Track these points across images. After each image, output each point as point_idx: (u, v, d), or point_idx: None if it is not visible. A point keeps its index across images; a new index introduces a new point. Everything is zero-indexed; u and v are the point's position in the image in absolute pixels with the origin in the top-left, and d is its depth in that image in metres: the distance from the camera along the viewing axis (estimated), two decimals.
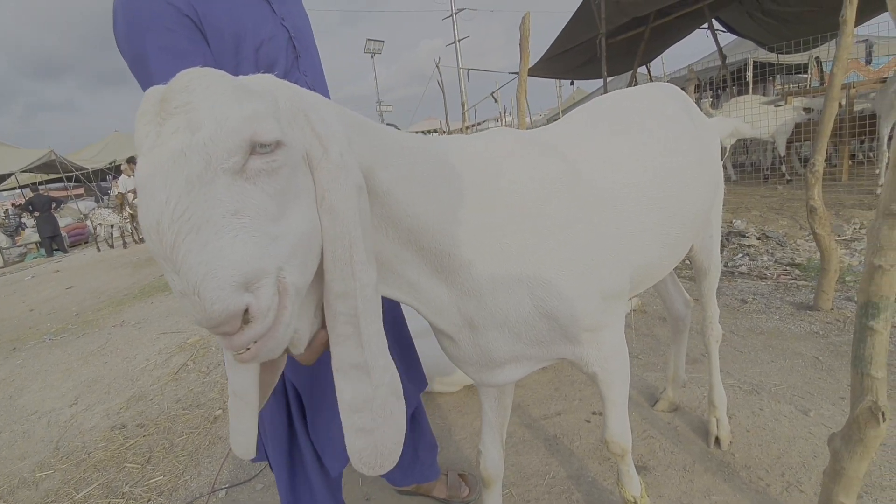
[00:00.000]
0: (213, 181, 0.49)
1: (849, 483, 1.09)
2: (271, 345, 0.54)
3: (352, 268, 0.61)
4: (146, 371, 3.23)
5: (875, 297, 0.97)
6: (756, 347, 2.23)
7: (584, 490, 1.51)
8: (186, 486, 1.92)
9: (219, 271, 0.48)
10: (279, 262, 0.54)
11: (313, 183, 0.60)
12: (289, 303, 0.55)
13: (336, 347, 0.64)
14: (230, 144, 0.50)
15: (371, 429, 0.66)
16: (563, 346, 0.96)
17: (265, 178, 0.53)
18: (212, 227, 0.49)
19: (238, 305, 0.50)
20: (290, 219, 0.56)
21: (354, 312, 0.62)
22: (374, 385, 0.65)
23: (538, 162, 0.93)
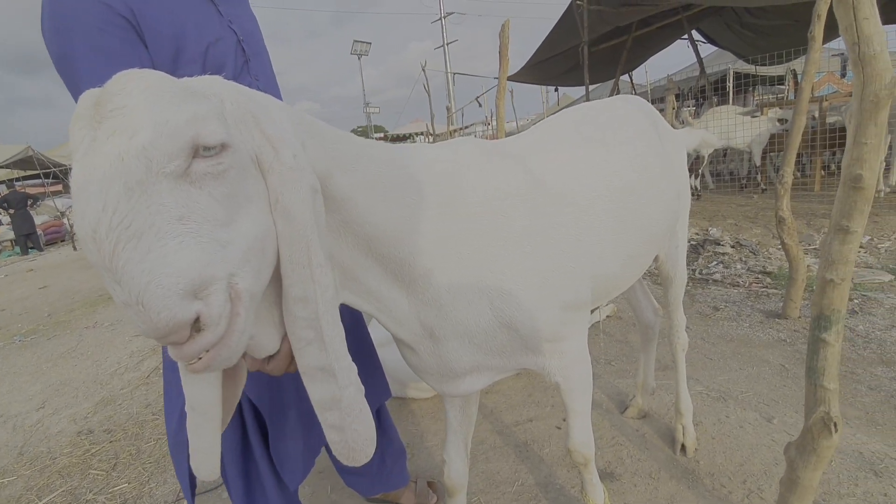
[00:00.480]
0: (154, 186, 0.48)
1: (803, 492, 1.11)
2: (225, 353, 0.53)
3: (310, 271, 0.60)
4: (117, 374, 3.16)
5: (827, 310, 0.99)
6: (725, 355, 2.27)
7: (551, 497, 1.52)
8: (151, 493, 1.88)
9: (163, 279, 0.47)
10: (230, 268, 0.53)
11: (266, 186, 0.59)
12: (242, 309, 0.53)
13: (299, 353, 0.63)
14: (171, 148, 0.48)
15: (342, 426, 0.66)
16: (524, 356, 0.96)
17: (211, 182, 0.52)
18: (154, 233, 0.47)
19: (186, 314, 0.49)
20: (241, 223, 0.55)
21: (315, 316, 0.61)
22: (340, 386, 0.65)
23: (500, 173, 0.93)
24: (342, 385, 0.65)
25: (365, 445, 0.68)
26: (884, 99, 0.82)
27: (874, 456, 1.52)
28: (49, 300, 5.80)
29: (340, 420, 0.65)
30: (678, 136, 1.46)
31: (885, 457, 1.51)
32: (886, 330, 2.32)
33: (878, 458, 1.51)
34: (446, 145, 0.96)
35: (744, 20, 6.64)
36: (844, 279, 0.96)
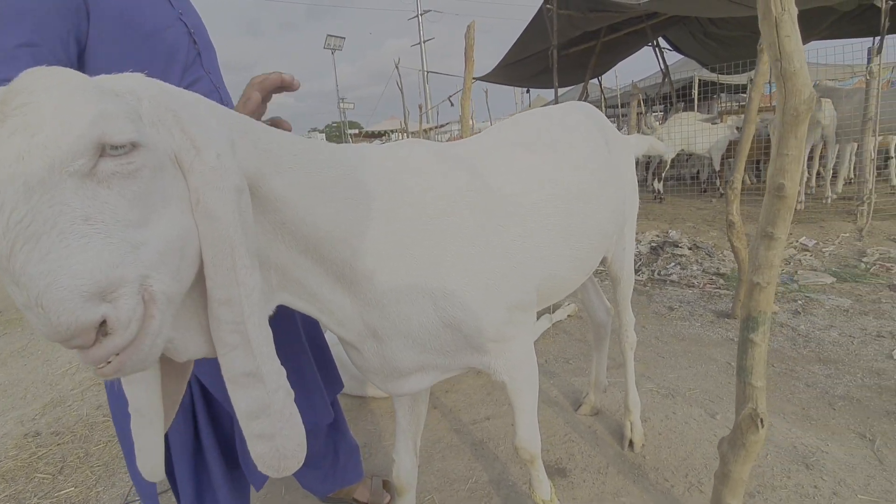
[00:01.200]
0: (57, 186, 0.46)
1: (735, 485, 1.17)
2: (137, 357, 0.52)
3: (235, 273, 0.59)
4: (68, 374, 3.03)
5: (754, 311, 1.04)
6: (677, 353, 2.36)
7: (503, 494, 1.54)
8: (98, 497, 1.81)
9: (64, 280, 0.45)
10: (143, 270, 0.51)
11: (187, 186, 0.58)
12: (157, 312, 0.52)
13: (224, 358, 0.62)
14: (74, 146, 0.47)
15: (272, 434, 0.65)
16: (469, 355, 0.97)
17: (121, 182, 0.50)
18: (57, 234, 0.46)
19: (89, 317, 0.47)
20: (157, 224, 0.54)
21: (241, 319, 0.60)
22: (269, 391, 0.64)
23: (446, 174, 0.94)
24: (271, 389, 0.64)
25: (296, 451, 0.67)
26: (803, 113, 0.87)
27: (807, 450, 1.61)
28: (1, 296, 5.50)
29: (270, 427, 0.64)
30: (627, 141, 1.51)
31: (816, 450, 1.60)
32: (825, 330, 2.46)
33: (811, 451, 1.60)
34: (394, 147, 0.97)
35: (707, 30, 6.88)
36: (770, 282, 1.01)
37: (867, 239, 3.81)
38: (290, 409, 0.66)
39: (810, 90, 0.86)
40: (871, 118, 3.85)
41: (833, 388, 1.96)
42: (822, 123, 4.71)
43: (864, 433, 1.68)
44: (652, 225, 4.85)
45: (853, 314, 2.61)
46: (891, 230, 3.96)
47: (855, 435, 1.68)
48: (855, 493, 1.41)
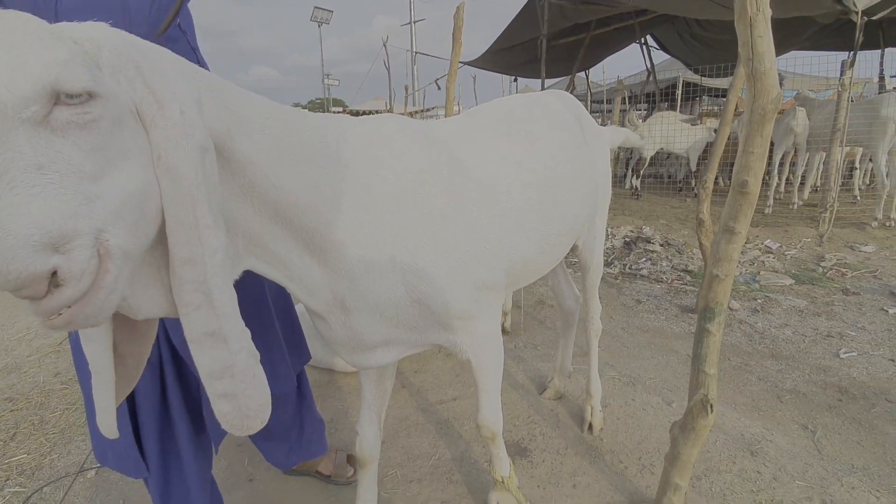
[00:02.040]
0: (9, 132, 0.45)
1: (683, 466, 1.23)
2: (89, 311, 0.51)
3: (197, 232, 0.58)
4: (24, 340, 2.92)
5: (712, 302, 1.09)
6: (641, 344, 2.44)
7: (464, 471, 1.58)
8: (52, 464, 1.77)
9: (13, 228, 0.44)
10: (98, 224, 0.50)
11: (148, 141, 0.56)
12: (112, 266, 0.52)
13: (186, 318, 0.61)
14: (26, 92, 0.45)
15: (234, 393, 0.65)
16: (435, 332, 0.99)
17: (77, 132, 0.49)
18: (7, 181, 0.45)
19: (40, 266, 0.46)
20: (114, 177, 0.53)
21: (203, 279, 0.60)
22: (232, 351, 0.64)
23: (422, 152, 0.94)
24: (234, 350, 0.64)
25: (259, 411, 0.68)
26: (770, 112, 0.90)
27: (753, 438, 1.70)
28: None
29: (233, 387, 0.65)
30: (603, 132, 1.53)
31: (762, 439, 1.69)
32: (780, 328, 2.58)
33: (756, 439, 1.69)
34: (373, 120, 0.96)
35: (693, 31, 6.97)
36: (728, 275, 1.05)
37: (827, 245, 3.98)
38: (253, 370, 0.66)
39: (778, 91, 0.89)
40: (839, 129, 4.00)
41: (782, 383, 2.06)
42: (795, 131, 4.86)
43: (806, 425, 1.78)
44: (627, 220, 4.95)
45: (807, 315, 2.74)
46: (849, 237, 4.15)
47: (798, 426, 1.77)
48: (793, 479, 1.50)
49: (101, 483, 1.66)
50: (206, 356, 0.63)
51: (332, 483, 1.56)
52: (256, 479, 1.62)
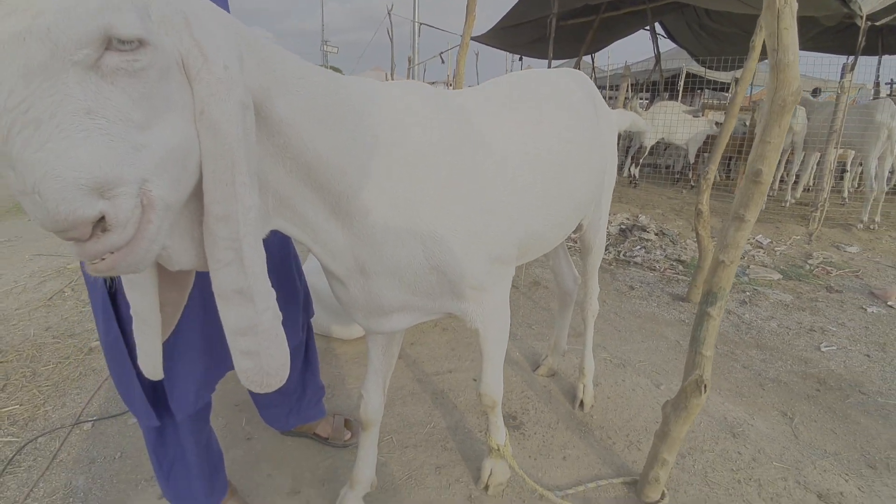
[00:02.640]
0: (59, 74, 0.45)
1: (672, 443, 1.29)
2: (132, 259, 0.52)
3: (234, 189, 0.58)
4: (13, 294, 2.88)
5: (715, 287, 1.12)
6: (632, 328, 2.50)
7: (459, 439, 1.63)
8: (47, 416, 1.78)
9: (62, 171, 0.45)
10: (143, 174, 0.51)
11: (191, 96, 0.56)
12: (155, 217, 0.52)
13: (216, 273, 0.62)
14: (79, 33, 0.45)
15: (257, 351, 0.66)
16: (449, 300, 1.01)
17: (126, 79, 0.49)
18: (56, 124, 0.45)
19: (88, 211, 0.47)
20: (159, 129, 0.53)
21: (236, 237, 0.60)
22: (258, 310, 0.65)
23: (445, 122, 0.94)
24: (260, 310, 0.65)
25: (279, 370, 0.69)
26: (790, 104, 0.92)
27: (735, 421, 1.77)
28: None
29: (256, 345, 0.66)
30: (612, 115, 1.54)
31: (743, 423, 1.77)
32: (766, 320, 2.66)
33: (738, 423, 1.76)
34: (398, 86, 0.95)
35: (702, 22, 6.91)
36: (733, 261, 1.09)
37: (815, 243, 4.07)
38: (276, 330, 0.68)
39: (798, 83, 0.91)
40: (836, 131, 4.05)
41: (765, 371, 2.14)
42: (794, 130, 4.91)
43: (786, 412, 1.86)
44: (624, 208, 4.99)
45: (792, 309, 2.82)
46: (836, 237, 4.24)
47: (778, 413, 1.85)
48: (771, 461, 1.58)
49: (98, 436, 1.68)
50: (232, 312, 0.64)
51: (330, 445, 1.59)
52: (254, 438, 1.65)
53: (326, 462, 1.54)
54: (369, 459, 1.31)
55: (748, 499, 1.42)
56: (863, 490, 1.49)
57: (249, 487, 1.44)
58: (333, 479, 1.47)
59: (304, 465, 1.52)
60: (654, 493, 1.36)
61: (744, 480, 1.49)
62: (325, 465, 1.53)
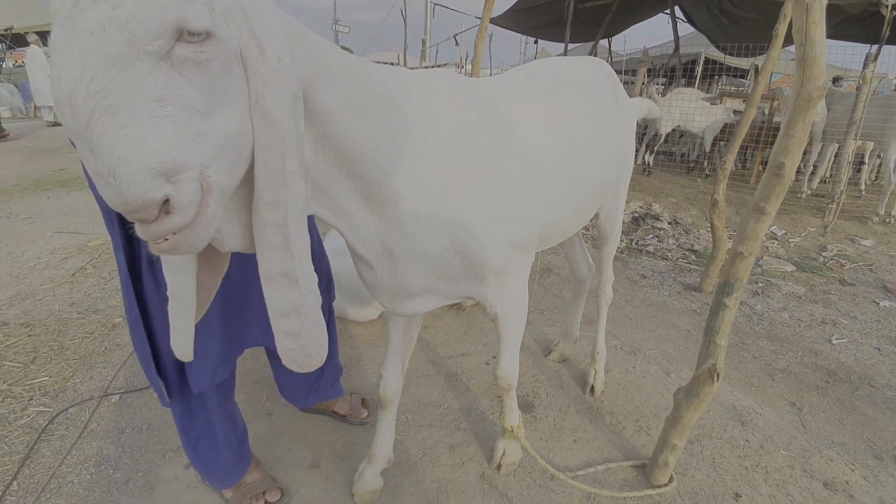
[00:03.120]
0: (135, 63, 0.48)
1: (683, 429, 1.32)
2: (191, 240, 0.55)
3: (284, 177, 0.61)
4: (36, 270, 2.96)
5: (733, 278, 1.14)
6: (643, 317, 2.52)
7: (472, 420, 1.68)
8: (76, 388, 1.85)
9: (137, 156, 0.48)
10: (203, 159, 0.54)
11: (247, 86, 0.58)
12: (212, 201, 0.55)
13: (264, 256, 0.65)
14: (155, 25, 0.47)
15: (299, 333, 0.70)
16: (471, 285, 1.04)
17: (193, 70, 0.52)
18: (131, 110, 0.47)
19: (156, 193, 0.50)
20: (219, 117, 0.55)
21: (284, 222, 0.63)
22: (302, 293, 0.68)
23: (473, 111, 0.96)
24: (304, 292, 0.68)
25: (319, 350, 0.73)
26: (815, 98, 0.92)
27: (744, 410, 1.80)
28: None
29: (299, 327, 0.69)
30: (631, 103, 1.54)
31: (752, 412, 1.79)
32: (778, 311, 2.66)
33: (747, 412, 1.79)
34: (428, 75, 0.96)
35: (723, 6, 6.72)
36: (752, 253, 1.10)
37: (829, 235, 4.03)
38: (317, 313, 0.71)
39: (825, 78, 0.91)
40: (856, 122, 3.97)
41: (775, 362, 2.15)
42: (813, 120, 4.81)
43: (794, 402, 1.88)
44: (637, 196, 4.96)
45: (805, 301, 2.82)
46: (851, 230, 4.20)
47: (787, 403, 1.88)
48: (778, 449, 1.61)
49: (125, 408, 1.75)
50: (277, 295, 0.67)
51: (347, 422, 1.65)
52: (275, 413, 1.71)
53: (344, 438, 1.60)
54: (387, 437, 1.36)
55: (755, 485, 1.46)
56: (868, 480, 1.52)
57: (271, 460, 1.50)
58: (351, 455, 1.53)
59: (323, 441, 1.58)
60: (662, 476, 1.40)
61: (751, 467, 1.53)
62: (342, 441, 1.59)
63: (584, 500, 1.37)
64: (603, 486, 1.42)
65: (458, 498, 1.37)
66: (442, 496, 1.38)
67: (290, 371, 1.59)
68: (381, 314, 2.34)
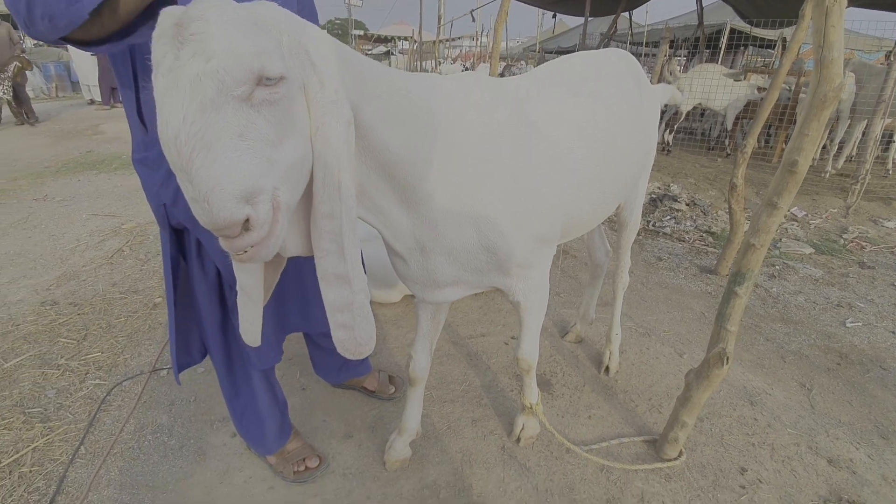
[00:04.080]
0: (223, 106, 0.56)
1: (693, 408, 1.40)
2: (265, 251, 0.65)
3: (339, 192, 0.70)
4: (77, 251, 3.12)
5: (744, 268, 1.20)
6: (658, 299, 2.58)
7: (492, 397, 1.79)
8: (126, 363, 2.01)
9: (225, 185, 0.57)
10: (275, 182, 0.63)
11: (308, 114, 0.67)
12: (281, 217, 0.65)
13: (321, 260, 0.75)
14: (240, 75, 0.56)
15: (351, 325, 0.80)
16: (496, 276, 1.12)
17: (268, 108, 0.60)
18: (221, 146, 0.56)
19: (239, 215, 0.59)
20: (286, 145, 0.64)
21: (339, 231, 0.72)
22: (354, 291, 0.77)
23: (499, 113, 1.02)
24: (356, 290, 0.78)
25: (368, 340, 0.83)
26: (830, 100, 0.96)
27: (754, 390, 1.87)
28: None
29: (351, 320, 0.79)
30: (655, 93, 1.57)
31: (762, 392, 1.87)
32: (794, 294, 2.69)
33: (757, 392, 1.86)
34: (458, 82, 1.02)
35: None
36: (763, 245, 1.16)
37: (852, 217, 3.99)
38: (367, 308, 0.81)
39: (841, 79, 0.95)
40: (884, 100, 3.86)
41: (788, 345, 2.21)
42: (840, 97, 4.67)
43: (804, 383, 1.95)
44: (655, 176, 4.93)
45: (821, 284, 2.84)
46: (874, 212, 4.14)
47: (797, 384, 1.94)
48: (785, 427, 1.69)
49: (173, 382, 1.90)
50: (332, 293, 0.77)
51: (376, 398, 1.77)
52: (308, 388, 1.85)
53: (374, 412, 1.73)
54: (416, 411, 1.47)
55: (760, 460, 1.55)
56: (872, 458, 1.59)
57: (308, 431, 1.64)
58: (381, 427, 1.65)
59: (354, 414, 1.71)
60: (672, 451, 1.49)
61: (758, 444, 1.61)
62: (372, 414, 1.71)
63: (597, 472, 1.48)
64: (616, 459, 1.52)
65: (481, 467, 1.49)
66: (465, 465, 1.50)
67: (324, 350, 1.72)
68: (404, 297, 2.44)
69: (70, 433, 1.63)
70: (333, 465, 1.50)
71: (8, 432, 1.62)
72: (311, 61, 0.65)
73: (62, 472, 1.47)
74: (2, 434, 1.61)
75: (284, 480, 1.44)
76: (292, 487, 1.43)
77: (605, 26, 7.61)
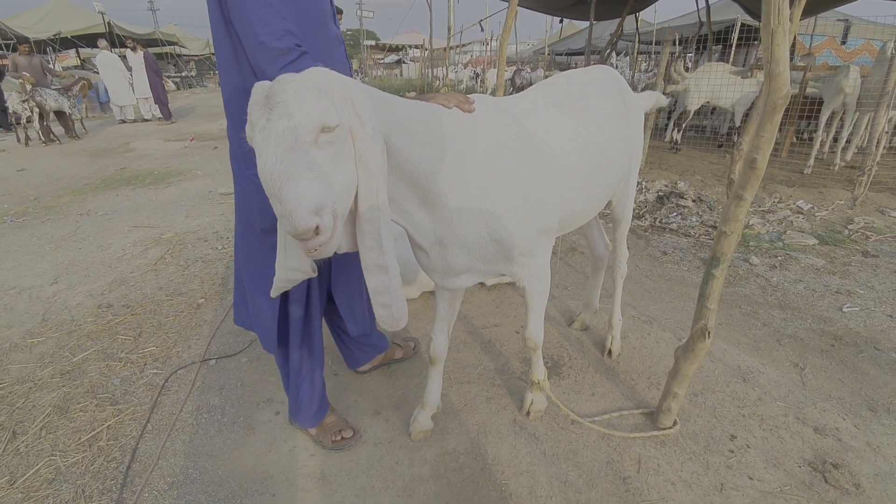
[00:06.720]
0: (298, 149, 0.82)
1: (682, 379, 1.58)
2: (329, 249, 0.90)
3: (377, 202, 0.95)
4: (124, 260, 3.41)
5: (718, 253, 1.37)
6: (662, 290, 2.74)
7: (504, 378, 1.98)
8: (178, 356, 2.26)
9: (303, 203, 0.82)
10: (334, 200, 0.87)
11: (354, 147, 0.91)
12: (339, 224, 0.89)
13: (365, 255, 1.00)
14: (311, 128, 0.81)
15: (390, 304, 1.04)
16: (504, 264, 1.33)
17: (327, 147, 0.85)
18: (298, 177, 0.81)
19: (312, 223, 0.83)
20: (340, 172, 0.89)
21: (378, 231, 0.97)
22: (390, 277, 1.02)
23: (502, 127, 1.23)
24: (391, 277, 1.02)
25: (403, 316, 1.07)
26: (779, 106, 1.13)
27: (748, 369, 2.02)
28: (31, 183, 5.78)
29: (389, 300, 1.04)
30: (638, 101, 1.76)
31: (755, 371, 2.01)
32: (793, 283, 2.82)
33: (750, 371, 2.01)
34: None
35: None
36: (734, 232, 1.33)
37: (859, 208, 4.05)
38: (401, 291, 1.05)
39: (788, 89, 1.12)
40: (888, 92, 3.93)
41: (784, 329, 2.34)
42: (845, 91, 4.74)
43: (797, 363, 2.09)
44: (663, 175, 5.06)
45: (822, 273, 2.95)
46: (882, 201, 4.19)
47: (790, 364, 2.08)
48: (775, 401, 1.84)
49: (221, 370, 2.14)
50: (374, 279, 1.01)
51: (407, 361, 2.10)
52: (340, 374, 2.07)
53: (399, 392, 1.93)
54: (436, 387, 1.68)
55: (749, 429, 1.70)
56: (858, 427, 1.73)
57: (341, 408, 1.85)
58: (405, 405, 1.86)
59: (381, 394, 1.93)
60: (667, 420, 1.66)
61: (748, 415, 1.76)
62: (397, 395, 1.92)
63: (599, 440, 1.65)
64: (616, 428, 1.70)
65: (495, 437, 1.68)
66: (481, 435, 1.69)
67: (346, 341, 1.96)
68: (422, 294, 2.65)
69: (137, 413, 1.87)
70: (365, 437, 1.71)
71: (84, 413, 1.88)
72: (354, 109, 0.89)
73: (134, 444, 1.71)
74: (79, 415, 1.87)
75: (324, 448, 1.66)
76: (331, 454, 1.64)
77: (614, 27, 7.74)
